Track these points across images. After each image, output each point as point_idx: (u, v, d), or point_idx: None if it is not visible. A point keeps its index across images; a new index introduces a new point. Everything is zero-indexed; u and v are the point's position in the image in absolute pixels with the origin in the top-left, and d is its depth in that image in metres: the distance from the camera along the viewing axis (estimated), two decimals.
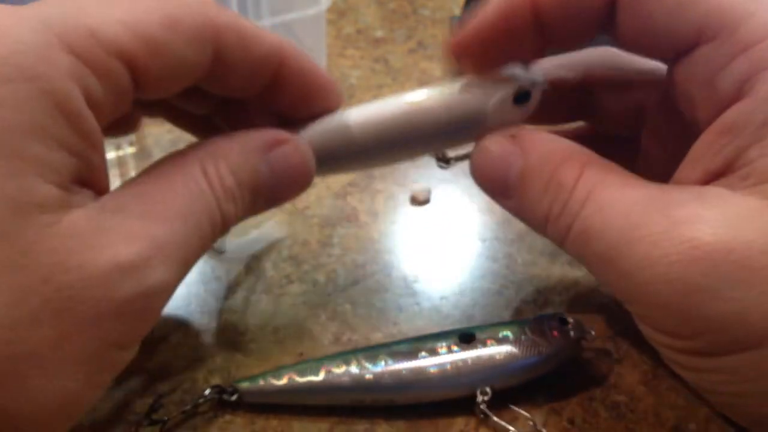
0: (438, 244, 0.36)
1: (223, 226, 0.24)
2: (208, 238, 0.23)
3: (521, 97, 0.26)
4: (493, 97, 0.26)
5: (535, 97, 0.27)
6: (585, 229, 0.23)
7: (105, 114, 0.21)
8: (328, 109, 0.27)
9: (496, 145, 0.26)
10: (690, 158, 0.24)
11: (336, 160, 0.27)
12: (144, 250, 0.20)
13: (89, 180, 0.21)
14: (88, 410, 0.23)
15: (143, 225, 0.21)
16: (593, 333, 0.29)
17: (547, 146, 0.25)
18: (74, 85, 0.20)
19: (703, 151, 0.23)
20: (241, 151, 0.24)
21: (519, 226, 0.37)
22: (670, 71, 0.25)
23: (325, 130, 0.26)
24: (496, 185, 0.26)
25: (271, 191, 0.25)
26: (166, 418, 0.27)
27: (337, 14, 0.58)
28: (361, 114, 0.26)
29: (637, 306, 0.23)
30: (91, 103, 0.21)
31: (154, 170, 0.23)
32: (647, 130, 0.29)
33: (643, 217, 0.22)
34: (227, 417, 0.28)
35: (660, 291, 0.21)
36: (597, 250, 0.23)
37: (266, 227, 0.37)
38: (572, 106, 0.31)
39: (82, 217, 0.20)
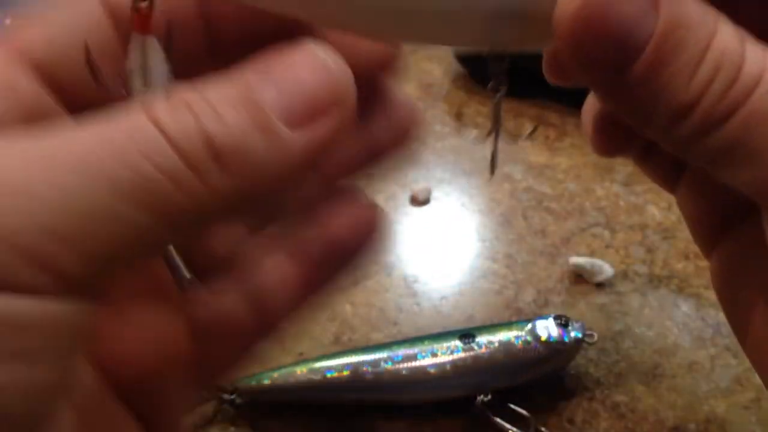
0: (438, 244, 0.36)
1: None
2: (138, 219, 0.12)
3: None
4: None
5: None
6: (761, 107, 0.18)
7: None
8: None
9: None
10: None
11: None
12: None
13: None
14: None
15: None
16: (593, 333, 0.29)
17: (690, 4, 0.18)
18: None
19: None
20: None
21: (519, 226, 0.37)
22: None
23: None
24: (614, 44, 0.17)
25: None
26: None
27: None
28: None
29: None
30: None
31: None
32: None
33: None
34: (227, 417, 0.28)
35: None
36: None
37: None
38: None
39: None
